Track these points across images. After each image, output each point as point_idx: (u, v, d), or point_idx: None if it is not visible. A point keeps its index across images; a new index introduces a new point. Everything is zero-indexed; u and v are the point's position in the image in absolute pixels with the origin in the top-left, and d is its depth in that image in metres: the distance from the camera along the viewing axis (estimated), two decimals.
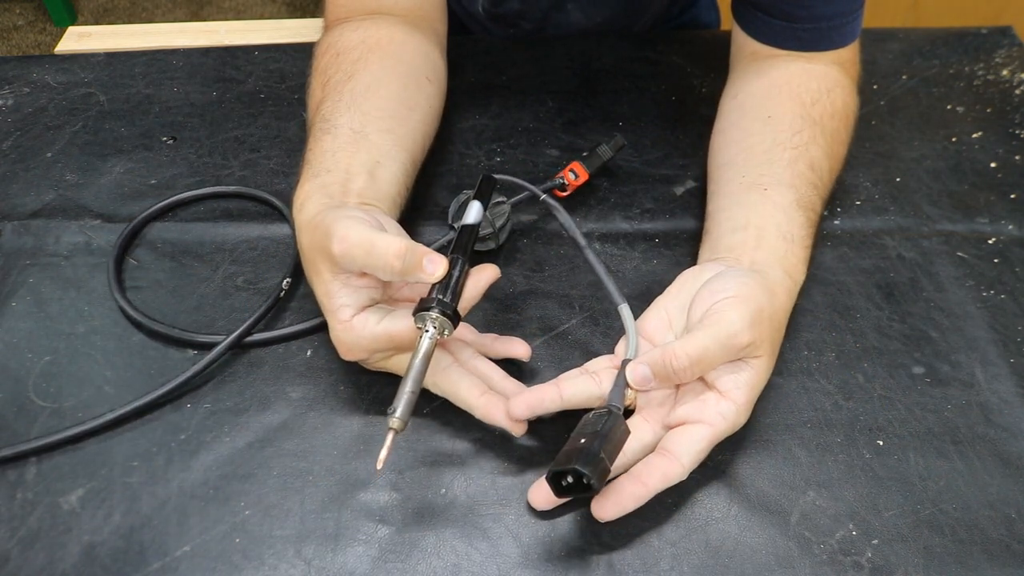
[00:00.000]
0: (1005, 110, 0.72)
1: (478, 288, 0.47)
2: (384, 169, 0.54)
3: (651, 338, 0.49)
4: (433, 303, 0.44)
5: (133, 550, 0.44)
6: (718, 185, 0.58)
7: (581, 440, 0.41)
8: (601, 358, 0.49)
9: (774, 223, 0.52)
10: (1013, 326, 0.55)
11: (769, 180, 0.54)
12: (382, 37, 0.60)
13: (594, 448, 0.40)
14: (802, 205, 0.53)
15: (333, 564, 0.44)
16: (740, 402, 0.45)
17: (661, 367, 0.44)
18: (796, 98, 0.58)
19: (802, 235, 0.52)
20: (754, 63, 0.63)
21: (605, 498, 0.44)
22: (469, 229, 0.49)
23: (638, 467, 0.45)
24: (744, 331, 0.44)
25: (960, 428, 0.50)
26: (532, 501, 0.46)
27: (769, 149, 0.56)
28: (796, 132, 0.56)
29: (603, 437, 0.41)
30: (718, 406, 0.45)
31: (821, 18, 0.59)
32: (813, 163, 0.55)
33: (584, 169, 0.62)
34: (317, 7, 2.21)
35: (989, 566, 0.44)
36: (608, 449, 0.41)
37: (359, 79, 0.57)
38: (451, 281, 0.45)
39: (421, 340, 0.44)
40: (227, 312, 0.55)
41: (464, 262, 0.47)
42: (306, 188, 0.52)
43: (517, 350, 0.51)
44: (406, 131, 0.57)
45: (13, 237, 0.60)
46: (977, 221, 0.62)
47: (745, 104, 0.61)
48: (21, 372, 0.52)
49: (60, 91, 0.73)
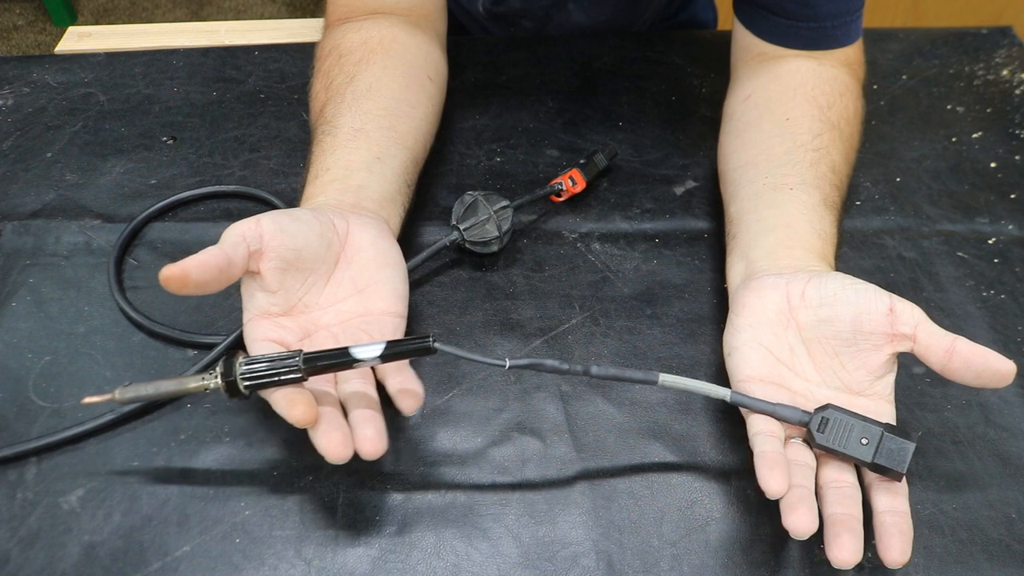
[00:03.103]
0: (1005, 110, 0.72)
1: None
2: (384, 165, 0.54)
3: (768, 378, 0.45)
4: (241, 362, 0.42)
5: (133, 550, 0.44)
6: (737, 187, 0.56)
7: (863, 442, 0.41)
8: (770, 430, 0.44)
9: (805, 220, 0.51)
10: (1013, 326, 0.55)
11: (794, 180, 0.53)
12: (384, 37, 0.61)
13: (883, 424, 0.42)
14: (828, 205, 0.53)
15: (333, 564, 0.44)
16: (890, 400, 0.45)
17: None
18: (812, 101, 0.58)
19: (832, 233, 0.52)
20: (763, 64, 0.62)
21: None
22: (345, 358, 0.42)
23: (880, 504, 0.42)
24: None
25: (960, 428, 0.50)
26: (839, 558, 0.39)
27: (790, 151, 0.55)
28: (816, 135, 0.56)
29: (862, 418, 0.42)
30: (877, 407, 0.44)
31: (824, 16, 0.59)
32: (834, 166, 0.55)
33: (582, 177, 0.62)
34: (317, 7, 2.21)
35: (989, 566, 0.44)
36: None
37: (360, 80, 0.58)
38: (269, 368, 0.41)
39: (195, 377, 0.42)
40: (227, 312, 0.55)
41: (301, 371, 0.41)
42: (307, 191, 0.52)
43: (404, 403, 0.43)
44: (407, 129, 0.57)
45: (13, 237, 0.60)
46: (977, 221, 0.62)
47: (760, 106, 0.60)
48: (21, 372, 0.52)
49: (60, 91, 0.73)
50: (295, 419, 0.41)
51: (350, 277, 0.48)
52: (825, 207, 0.52)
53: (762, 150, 0.57)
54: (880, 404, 0.44)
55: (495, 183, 0.64)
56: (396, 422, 0.50)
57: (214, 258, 0.41)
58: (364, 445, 0.41)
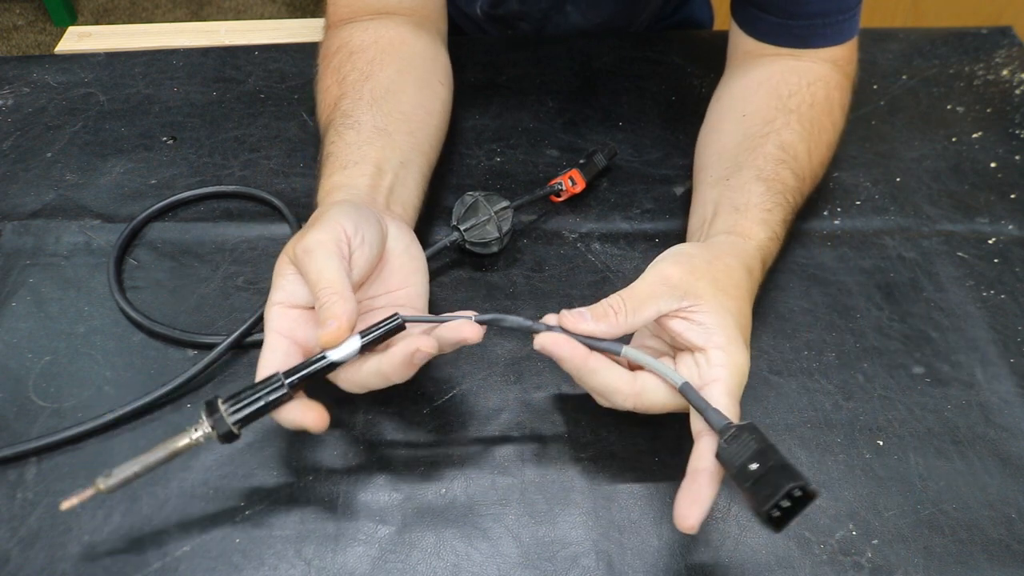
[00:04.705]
0: (1005, 110, 0.72)
1: (448, 342, 0.43)
2: (407, 170, 0.54)
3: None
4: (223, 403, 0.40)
5: (133, 550, 0.44)
6: (694, 188, 0.59)
7: (751, 467, 0.38)
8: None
9: (726, 200, 0.53)
10: (1013, 326, 0.55)
11: (731, 171, 0.55)
12: (393, 38, 0.60)
13: (783, 461, 0.38)
14: (760, 178, 0.53)
15: (333, 564, 0.44)
16: (719, 343, 0.43)
17: (597, 307, 0.43)
18: (773, 92, 0.59)
19: (757, 202, 0.52)
20: (744, 63, 0.63)
21: (683, 507, 0.40)
22: (324, 364, 0.42)
23: (692, 462, 0.41)
24: (667, 266, 0.44)
25: (960, 428, 0.50)
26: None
27: (739, 144, 0.56)
28: (768, 122, 0.57)
29: (772, 448, 0.39)
30: (708, 360, 0.43)
31: (817, 15, 0.59)
32: (783, 144, 0.55)
33: (582, 177, 0.62)
34: (317, 7, 2.21)
35: (989, 566, 0.44)
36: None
37: (377, 79, 0.57)
38: (253, 396, 0.41)
39: (180, 438, 0.41)
40: (227, 312, 0.55)
41: (285, 387, 0.41)
42: (335, 179, 0.51)
43: (467, 336, 0.43)
44: (424, 136, 0.57)
45: (13, 237, 0.60)
46: (977, 221, 0.62)
47: (724, 106, 0.61)
48: (21, 372, 0.52)
49: (60, 91, 0.73)
50: (311, 425, 0.42)
51: (383, 279, 0.48)
52: (756, 180, 0.53)
53: (715, 151, 0.58)
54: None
55: (495, 183, 0.64)
56: (397, 421, 0.50)
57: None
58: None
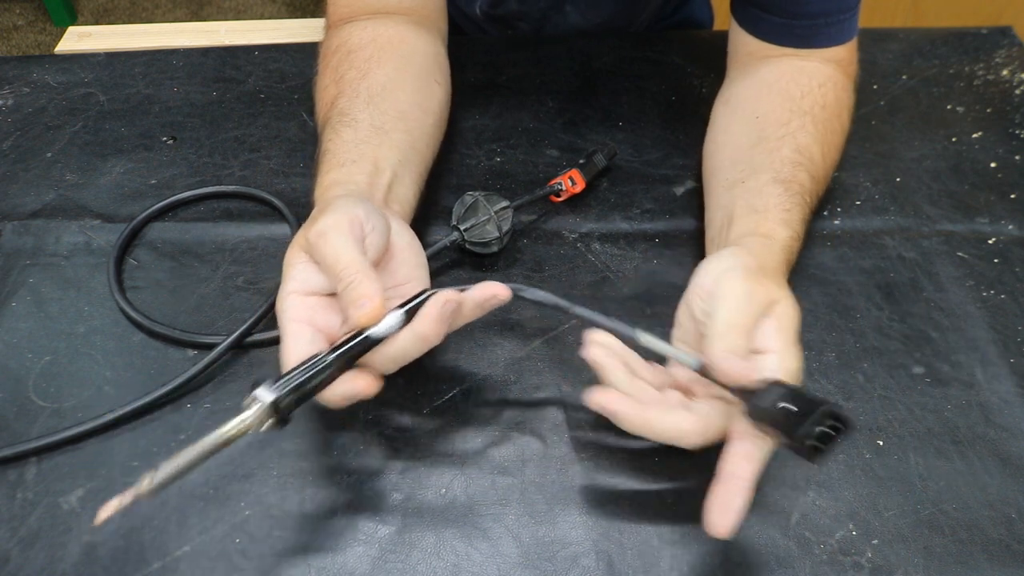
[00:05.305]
0: (1005, 110, 0.72)
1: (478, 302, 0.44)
2: (404, 169, 0.54)
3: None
4: (270, 386, 0.39)
5: (133, 550, 0.44)
6: (707, 192, 0.58)
7: (781, 405, 0.38)
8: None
9: (743, 203, 0.52)
10: (1013, 326, 0.55)
11: (747, 174, 0.54)
12: (392, 36, 0.60)
13: (814, 396, 0.39)
14: (778, 180, 0.53)
15: (333, 564, 0.44)
16: (778, 348, 0.43)
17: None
18: (784, 93, 0.58)
19: (776, 204, 0.52)
20: (748, 64, 0.63)
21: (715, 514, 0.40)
22: (366, 340, 0.41)
23: (724, 466, 0.41)
24: (748, 281, 0.43)
25: (960, 428, 0.50)
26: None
27: (753, 146, 0.56)
28: (783, 124, 0.56)
29: (800, 389, 0.39)
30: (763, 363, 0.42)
31: (818, 15, 0.59)
32: (799, 147, 0.55)
33: (582, 177, 0.62)
34: (317, 7, 2.21)
35: (989, 566, 0.44)
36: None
37: (374, 77, 0.57)
38: (303, 377, 0.40)
39: (230, 423, 0.39)
40: (227, 312, 0.55)
41: (329, 365, 0.40)
42: (332, 176, 0.51)
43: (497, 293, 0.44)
44: (421, 134, 0.57)
45: (13, 237, 0.60)
46: (977, 221, 0.62)
47: (735, 106, 0.61)
48: (21, 372, 0.52)
49: (60, 91, 0.73)
50: (364, 390, 0.42)
51: (391, 271, 0.48)
52: (773, 183, 0.53)
53: (728, 153, 0.58)
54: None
55: (495, 183, 0.64)
56: (397, 421, 0.50)
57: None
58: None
